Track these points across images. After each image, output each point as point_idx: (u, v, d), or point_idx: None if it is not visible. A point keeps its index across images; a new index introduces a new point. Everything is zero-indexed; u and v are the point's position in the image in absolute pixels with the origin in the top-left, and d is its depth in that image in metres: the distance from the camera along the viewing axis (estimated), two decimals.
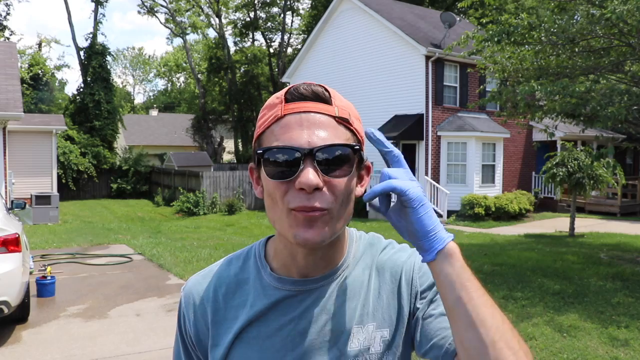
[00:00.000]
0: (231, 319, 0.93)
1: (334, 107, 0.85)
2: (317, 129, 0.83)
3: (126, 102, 61.10)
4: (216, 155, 33.16)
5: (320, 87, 0.86)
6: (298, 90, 0.85)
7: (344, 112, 0.86)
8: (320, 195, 0.81)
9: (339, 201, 0.84)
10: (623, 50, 8.18)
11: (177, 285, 7.38)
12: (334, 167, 0.82)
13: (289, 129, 0.83)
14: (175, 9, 35.92)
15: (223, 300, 0.95)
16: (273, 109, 0.86)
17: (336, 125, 0.85)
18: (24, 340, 5.15)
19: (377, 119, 17.20)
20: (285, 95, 0.86)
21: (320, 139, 0.82)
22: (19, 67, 20.66)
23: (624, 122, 8.61)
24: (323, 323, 0.90)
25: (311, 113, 0.84)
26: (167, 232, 14.10)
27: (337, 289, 0.92)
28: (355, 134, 0.88)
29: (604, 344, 4.91)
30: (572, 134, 17.24)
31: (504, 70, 9.38)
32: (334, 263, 0.93)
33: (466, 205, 15.62)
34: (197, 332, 0.96)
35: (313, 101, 0.85)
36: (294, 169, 0.81)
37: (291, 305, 0.91)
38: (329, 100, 0.86)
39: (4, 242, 5.00)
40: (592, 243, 10.86)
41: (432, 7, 28.05)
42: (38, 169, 17.87)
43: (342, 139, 0.84)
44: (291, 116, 0.84)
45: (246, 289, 0.95)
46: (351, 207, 0.88)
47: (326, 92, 0.86)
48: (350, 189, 0.86)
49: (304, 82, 0.88)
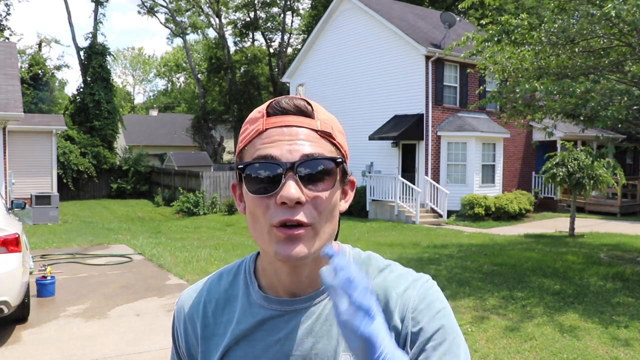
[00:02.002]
0: (220, 335, 0.91)
1: (316, 121, 0.84)
2: (299, 143, 0.81)
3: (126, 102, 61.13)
4: (216, 155, 33.17)
5: (303, 100, 0.85)
6: (280, 104, 0.84)
7: (327, 126, 0.85)
8: (302, 210, 0.79)
9: (323, 216, 0.81)
10: (623, 50, 8.18)
11: (177, 285, 7.38)
12: (316, 181, 0.80)
13: (270, 144, 0.81)
14: (175, 9, 35.92)
15: (212, 316, 0.93)
16: (255, 123, 0.85)
17: (319, 139, 0.83)
18: (24, 340, 5.15)
19: (377, 119, 17.21)
20: (267, 109, 0.85)
21: (302, 152, 0.80)
22: (19, 67, 20.67)
23: (624, 122, 8.61)
24: (310, 346, 0.86)
25: (293, 127, 0.82)
26: (167, 232, 14.10)
27: (325, 310, 0.88)
28: (338, 148, 0.86)
29: (604, 344, 4.91)
30: (572, 134, 17.24)
31: (504, 71, 9.38)
32: (320, 283, 0.86)
33: (466, 205, 15.63)
34: (189, 346, 0.95)
35: (295, 115, 0.83)
36: (276, 184, 0.79)
37: (277, 325, 0.88)
38: (311, 114, 0.84)
39: (4, 242, 5.00)
40: (592, 243, 10.86)
41: (432, 7, 28.05)
42: (38, 169, 17.87)
43: (324, 152, 0.82)
44: (273, 130, 0.82)
45: (234, 305, 0.92)
46: (335, 223, 0.86)
47: (308, 105, 0.84)
48: (334, 204, 0.83)
49: (286, 96, 0.86)
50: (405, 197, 15.80)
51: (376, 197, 16.70)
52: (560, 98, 8.39)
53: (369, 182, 16.83)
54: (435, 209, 16.02)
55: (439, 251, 9.85)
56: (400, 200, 15.80)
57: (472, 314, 5.83)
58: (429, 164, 16.29)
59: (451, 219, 15.75)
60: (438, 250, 9.95)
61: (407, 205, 15.72)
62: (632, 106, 7.69)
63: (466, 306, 6.08)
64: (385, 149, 17.24)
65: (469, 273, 7.81)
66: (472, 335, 5.11)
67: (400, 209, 15.84)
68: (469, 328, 5.32)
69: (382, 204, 16.52)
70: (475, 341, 4.97)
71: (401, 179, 15.81)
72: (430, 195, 16.15)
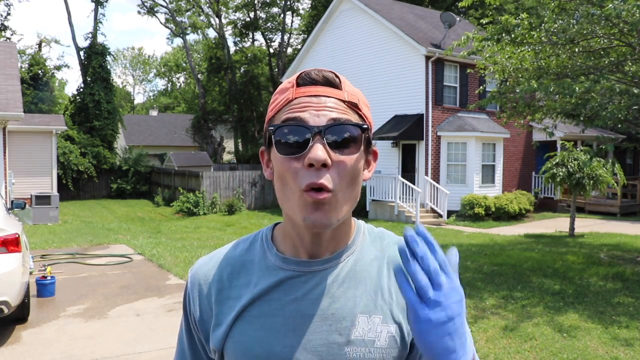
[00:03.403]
0: (235, 297, 0.93)
1: (343, 92, 0.88)
2: (327, 111, 0.85)
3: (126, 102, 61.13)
4: (216, 155, 33.16)
5: (331, 72, 0.89)
6: (309, 75, 0.89)
7: (354, 97, 0.89)
8: (328, 174, 0.83)
9: (345, 182, 0.85)
10: (623, 50, 8.18)
11: (177, 285, 7.38)
12: (342, 146, 0.84)
13: (299, 109, 0.86)
14: (175, 9, 35.92)
15: (227, 280, 0.95)
16: (285, 92, 0.90)
17: (345, 108, 0.87)
18: (24, 340, 5.15)
19: (377, 119, 17.21)
20: (297, 80, 0.89)
21: (329, 117, 0.85)
22: (19, 67, 20.67)
23: (624, 121, 8.60)
24: (326, 306, 0.89)
25: (322, 97, 0.87)
26: (167, 232, 14.10)
27: (342, 274, 0.92)
28: (363, 119, 0.90)
29: (604, 344, 4.91)
30: (572, 134, 17.24)
31: (504, 71, 9.38)
32: (339, 247, 0.93)
33: (466, 205, 15.63)
34: (201, 312, 0.96)
35: (323, 86, 0.88)
36: (304, 147, 0.83)
37: (294, 285, 0.91)
38: (339, 86, 0.89)
39: (4, 242, 5.00)
40: (592, 243, 10.86)
41: (432, 7, 28.05)
42: (38, 169, 17.87)
43: (351, 120, 0.87)
44: (302, 98, 0.87)
45: (251, 269, 0.95)
46: (358, 190, 0.89)
47: (336, 77, 0.89)
48: (358, 170, 0.87)
49: (315, 67, 0.91)
50: (405, 197, 15.80)
51: (376, 197, 16.70)
52: (560, 98, 8.39)
53: (369, 182, 16.83)
54: (435, 209, 16.02)
55: None
56: (400, 200, 15.80)
57: (472, 314, 5.83)
58: (429, 164, 16.30)
59: (451, 219, 15.75)
60: None
61: (407, 206, 15.72)
62: (632, 106, 7.69)
63: (466, 306, 6.08)
64: (385, 149, 17.24)
65: (469, 273, 7.81)
66: (472, 335, 5.11)
67: (400, 209, 15.84)
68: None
69: (382, 204, 16.52)
70: (475, 341, 4.97)
71: (401, 179, 15.81)
72: (430, 196, 16.15)
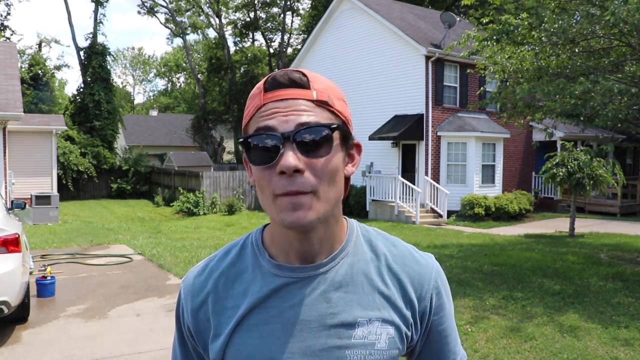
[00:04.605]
0: (232, 307, 0.93)
1: (312, 91, 0.86)
2: (294, 115, 0.84)
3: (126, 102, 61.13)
4: (216, 155, 33.17)
5: (298, 72, 0.87)
6: (276, 79, 0.87)
7: (323, 95, 0.87)
8: (302, 178, 0.82)
9: (324, 181, 0.84)
10: (623, 50, 8.17)
11: (177, 285, 7.38)
12: (313, 149, 0.83)
13: (268, 117, 0.85)
14: (175, 9, 35.93)
15: (223, 290, 0.95)
16: (255, 99, 0.89)
17: (315, 108, 0.86)
18: (24, 340, 5.14)
19: (377, 119, 17.21)
20: (264, 84, 0.88)
21: (297, 122, 0.83)
22: (19, 67, 20.67)
23: (624, 121, 8.60)
24: (324, 311, 0.89)
25: (289, 100, 0.85)
26: (167, 232, 14.10)
27: (337, 277, 0.91)
28: (337, 115, 0.88)
29: (604, 344, 4.91)
30: (572, 134, 17.24)
31: (504, 71, 9.38)
32: (332, 249, 0.92)
33: (466, 205, 15.62)
34: (196, 324, 0.96)
35: (291, 88, 0.86)
36: (275, 154, 0.83)
37: (291, 292, 0.90)
38: (306, 85, 0.86)
39: (4, 242, 5.00)
40: (592, 243, 10.86)
41: (432, 7, 28.05)
42: (38, 169, 17.86)
43: (321, 120, 0.85)
44: (270, 104, 0.86)
45: (245, 278, 0.94)
46: (340, 187, 0.88)
47: (304, 77, 0.87)
48: (335, 168, 0.86)
49: (282, 69, 0.89)
50: (405, 197, 15.80)
51: (376, 197, 16.70)
52: (560, 98, 8.39)
53: (369, 182, 16.83)
54: (435, 209, 16.02)
55: (439, 251, 9.85)
56: (400, 200, 15.80)
57: (472, 314, 5.83)
58: (429, 164, 16.29)
59: (451, 219, 15.75)
60: (438, 251, 9.95)
61: (407, 206, 15.72)
62: (632, 106, 7.69)
63: (466, 306, 6.08)
64: (385, 149, 17.24)
65: (469, 273, 7.81)
66: (472, 335, 5.11)
67: (400, 209, 15.84)
68: (468, 328, 5.32)
69: (382, 204, 16.52)
70: (475, 341, 4.96)
71: (401, 179, 15.81)
72: (430, 196, 16.15)
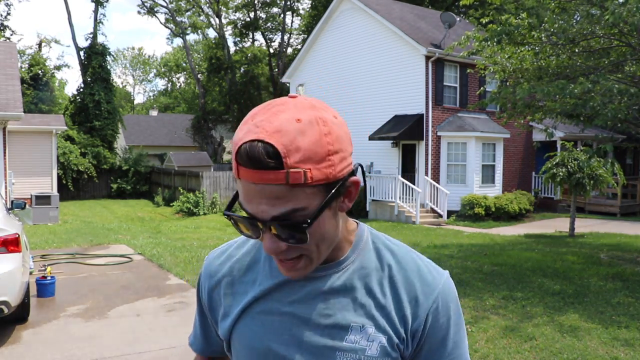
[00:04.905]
0: (241, 293, 1.00)
1: (284, 172, 0.78)
2: (268, 202, 0.80)
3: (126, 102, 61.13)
4: (216, 155, 33.18)
5: (268, 146, 0.78)
6: (243, 158, 0.79)
7: (297, 176, 0.78)
8: (290, 251, 0.86)
9: (313, 246, 0.86)
10: (623, 50, 8.18)
11: (177, 285, 7.38)
12: (291, 236, 0.83)
13: (245, 197, 0.83)
14: (175, 9, 35.94)
15: (237, 275, 1.03)
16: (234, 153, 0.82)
17: (289, 191, 0.79)
18: (24, 340, 5.14)
19: (377, 119, 17.21)
20: (236, 157, 0.80)
21: (270, 215, 0.81)
22: (19, 67, 20.67)
23: (624, 122, 8.60)
24: (321, 311, 0.93)
25: (259, 184, 0.79)
26: (167, 232, 14.10)
27: (338, 282, 0.95)
28: (321, 184, 0.81)
29: (604, 344, 4.91)
30: (572, 134, 17.24)
31: (504, 71, 9.38)
32: (338, 256, 0.96)
33: (466, 205, 15.62)
34: (211, 301, 1.06)
35: (259, 170, 0.78)
36: (259, 232, 0.85)
37: (294, 289, 0.95)
38: (277, 166, 0.78)
39: (4, 242, 5.00)
40: (592, 243, 10.86)
41: (432, 7, 28.05)
42: (38, 169, 17.86)
43: (298, 204, 0.80)
44: (243, 182, 0.81)
45: (257, 268, 1.01)
46: (331, 239, 0.88)
47: (274, 153, 0.77)
48: (323, 231, 0.85)
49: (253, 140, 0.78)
50: (405, 197, 15.80)
51: (376, 197, 16.71)
52: (560, 98, 8.39)
53: (369, 182, 16.84)
54: (435, 209, 16.02)
55: (439, 251, 9.85)
56: (400, 200, 15.80)
57: (472, 314, 5.83)
58: (429, 164, 16.29)
59: (451, 219, 15.75)
60: (438, 251, 9.95)
61: (407, 206, 15.72)
62: (631, 106, 7.69)
63: (466, 306, 6.08)
64: (385, 149, 17.24)
65: (469, 273, 7.81)
66: (472, 335, 5.11)
67: (400, 209, 15.84)
68: (469, 328, 5.32)
69: (382, 204, 16.52)
70: (475, 341, 4.96)
71: (401, 179, 15.81)
72: (430, 196, 16.15)
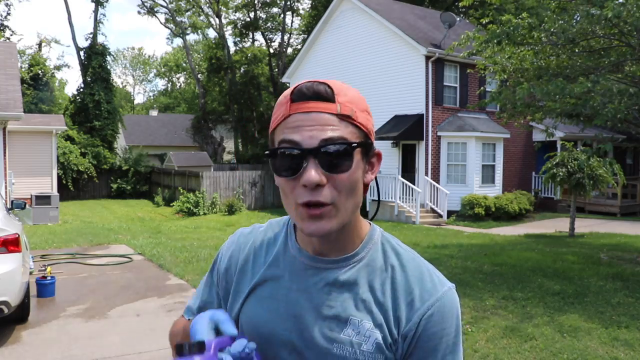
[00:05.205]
0: (253, 273, 1.04)
1: (336, 105, 0.89)
2: (319, 128, 0.87)
3: (126, 102, 61.12)
4: (216, 155, 33.17)
5: (324, 84, 0.90)
6: (301, 91, 0.90)
7: (347, 109, 0.90)
8: (323, 191, 0.87)
9: (343, 194, 0.89)
10: (623, 50, 8.18)
11: (177, 285, 7.38)
12: (335, 164, 0.87)
13: (293, 129, 0.89)
14: (175, 9, 35.93)
15: (254, 255, 1.06)
16: (282, 107, 0.92)
17: (339, 122, 0.89)
18: (24, 340, 5.15)
19: (377, 119, 17.19)
20: (291, 95, 0.91)
21: (321, 138, 0.87)
22: (19, 67, 20.67)
23: (624, 121, 8.60)
24: (324, 302, 0.95)
25: (313, 113, 0.88)
26: (167, 232, 14.09)
27: (344, 276, 0.96)
28: (360, 128, 0.91)
29: (604, 344, 4.91)
30: (572, 134, 17.24)
31: (504, 71, 9.38)
32: (347, 249, 0.98)
33: (466, 205, 15.62)
34: (229, 265, 1.08)
35: (316, 100, 0.89)
36: (299, 167, 0.87)
37: (302, 276, 0.98)
38: (331, 98, 0.89)
39: (4, 242, 5.00)
40: (592, 243, 10.86)
41: (432, 7, 28.04)
42: (38, 169, 17.85)
43: (344, 134, 0.88)
44: (296, 115, 0.89)
45: (272, 251, 1.04)
46: (359, 197, 0.93)
47: (329, 89, 0.89)
48: (354, 182, 0.90)
49: (309, 80, 0.91)
50: (405, 197, 15.80)
51: (376, 197, 16.71)
52: (560, 98, 8.39)
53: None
54: (435, 209, 16.02)
55: (439, 251, 9.85)
56: (400, 200, 15.80)
57: (472, 314, 5.83)
58: (429, 164, 16.29)
59: (451, 219, 15.74)
60: (438, 251, 9.95)
61: (407, 206, 15.72)
62: (631, 106, 7.69)
63: (466, 306, 6.08)
64: (386, 149, 17.24)
65: (469, 273, 7.81)
66: (472, 335, 5.11)
67: (400, 209, 15.84)
68: (469, 328, 5.32)
69: (382, 204, 16.52)
70: (475, 341, 4.96)
71: (401, 179, 15.81)
72: (430, 196, 16.15)
